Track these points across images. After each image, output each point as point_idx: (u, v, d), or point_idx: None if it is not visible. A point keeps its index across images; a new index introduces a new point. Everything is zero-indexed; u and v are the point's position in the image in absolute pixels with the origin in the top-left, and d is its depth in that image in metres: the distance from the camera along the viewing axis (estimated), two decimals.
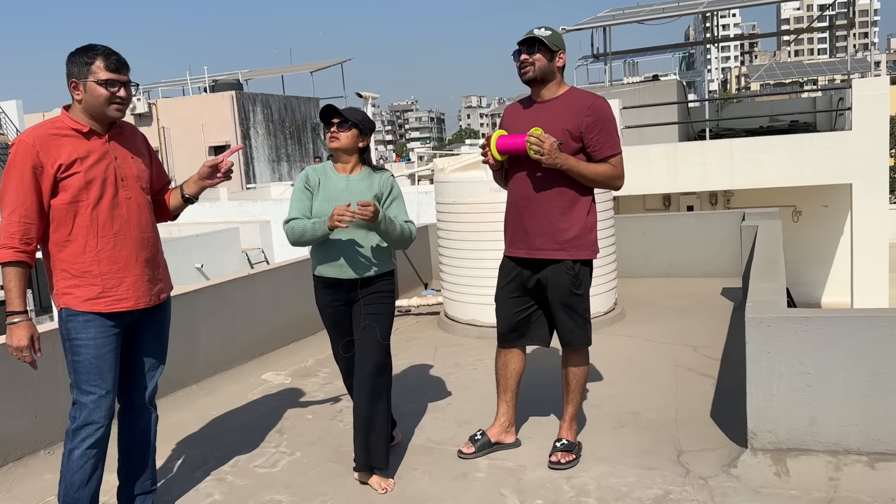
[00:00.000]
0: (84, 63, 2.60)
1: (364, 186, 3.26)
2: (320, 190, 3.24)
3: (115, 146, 2.73)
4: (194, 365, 4.74)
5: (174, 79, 36.91)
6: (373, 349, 3.19)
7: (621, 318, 5.96)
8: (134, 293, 2.74)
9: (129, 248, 2.72)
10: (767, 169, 10.88)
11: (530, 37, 3.20)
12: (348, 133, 3.22)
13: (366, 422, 3.15)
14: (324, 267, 3.26)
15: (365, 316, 3.21)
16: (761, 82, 48.77)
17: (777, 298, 3.38)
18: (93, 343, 2.66)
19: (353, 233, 3.19)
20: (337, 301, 3.29)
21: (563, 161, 3.11)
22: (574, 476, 3.21)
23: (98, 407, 2.68)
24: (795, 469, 3.03)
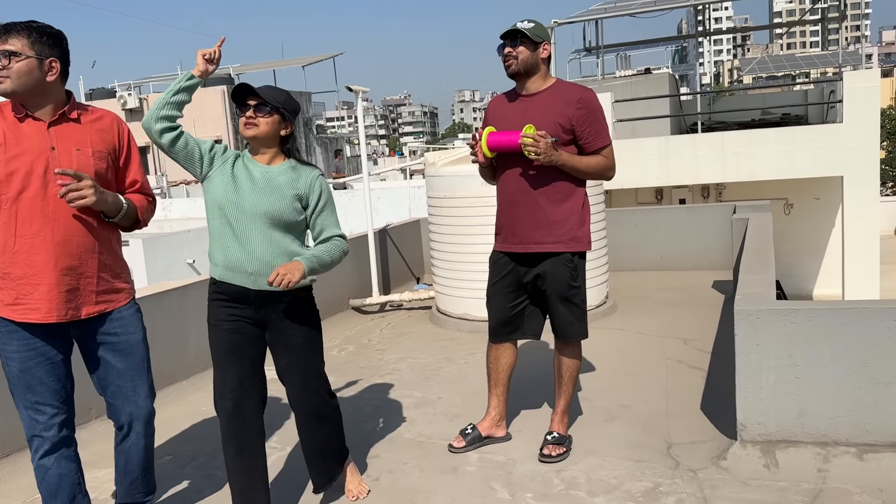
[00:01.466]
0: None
1: (285, 181, 2.67)
2: (227, 173, 2.65)
3: (58, 135, 2.42)
4: (184, 360, 4.72)
5: (165, 73, 36.70)
6: (312, 387, 2.79)
7: (613, 311, 5.97)
8: (46, 304, 2.40)
9: (47, 252, 2.39)
10: (759, 162, 10.91)
11: (512, 30, 3.18)
12: (268, 119, 2.62)
13: (320, 450, 2.89)
14: (228, 272, 2.62)
15: (294, 349, 2.73)
16: (753, 75, 48.88)
17: (766, 291, 3.38)
18: (16, 356, 2.43)
19: (265, 233, 2.61)
20: (241, 317, 2.65)
21: (557, 158, 3.10)
22: (564, 469, 3.21)
23: (34, 422, 2.48)
24: (784, 461, 3.04)
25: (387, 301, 6.67)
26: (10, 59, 2.32)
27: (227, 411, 2.67)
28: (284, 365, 2.77)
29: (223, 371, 2.68)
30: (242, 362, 2.67)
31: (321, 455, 2.92)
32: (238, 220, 2.62)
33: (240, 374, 2.67)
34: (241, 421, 2.68)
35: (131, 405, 2.64)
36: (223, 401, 2.68)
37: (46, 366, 2.46)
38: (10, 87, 2.34)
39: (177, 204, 18.48)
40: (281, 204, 2.64)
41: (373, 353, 5.31)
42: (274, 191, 2.65)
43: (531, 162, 3.14)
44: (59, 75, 2.42)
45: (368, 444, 3.60)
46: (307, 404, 2.83)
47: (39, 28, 2.38)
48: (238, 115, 2.67)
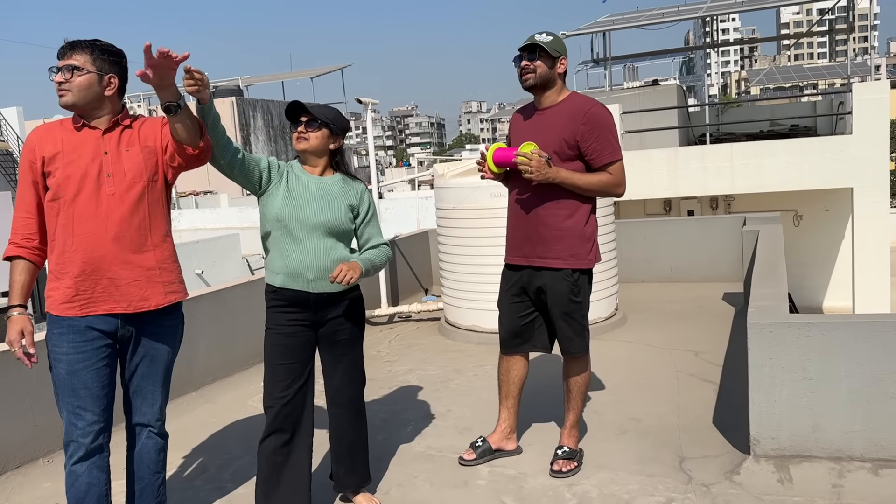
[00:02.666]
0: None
1: (338, 191, 2.87)
2: (285, 186, 2.81)
3: (111, 139, 2.57)
4: (194, 372, 4.73)
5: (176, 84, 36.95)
6: (352, 378, 2.98)
7: (622, 323, 5.94)
8: (110, 296, 2.54)
9: (106, 248, 2.53)
10: (768, 173, 10.88)
11: (531, 43, 3.18)
12: (318, 133, 2.83)
13: (350, 447, 3.02)
14: (289, 279, 2.79)
15: (341, 343, 2.92)
16: (761, 86, 48.87)
17: (779, 304, 3.36)
18: (65, 358, 2.52)
19: (321, 241, 2.80)
20: (300, 321, 2.82)
21: (553, 175, 3.10)
22: (576, 483, 3.19)
23: (73, 426, 2.53)
24: (798, 476, 3.01)
25: (395, 312, 6.67)
26: (73, 73, 2.49)
27: (274, 409, 2.78)
28: (329, 358, 2.94)
29: (274, 372, 2.81)
30: (294, 365, 2.81)
31: (351, 453, 3.01)
32: (298, 231, 2.78)
33: (291, 377, 2.80)
34: (286, 416, 2.79)
35: (148, 406, 2.72)
36: (272, 399, 2.79)
37: (92, 370, 2.53)
38: (71, 99, 2.51)
39: (186, 215, 18.56)
40: (337, 214, 2.84)
41: (381, 364, 5.29)
42: (330, 201, 2.83)
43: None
44: (117, 90, 2.59)
45: (378, 456, 3.58)
46: (347, 397, 2.97)
47: (102, 46, 2.56)
48: (291, 132, 2.88)
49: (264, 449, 2.80)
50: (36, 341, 2.57)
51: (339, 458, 3.03)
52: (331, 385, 2.97)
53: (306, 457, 2.85)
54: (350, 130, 3.06)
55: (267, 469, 2.79)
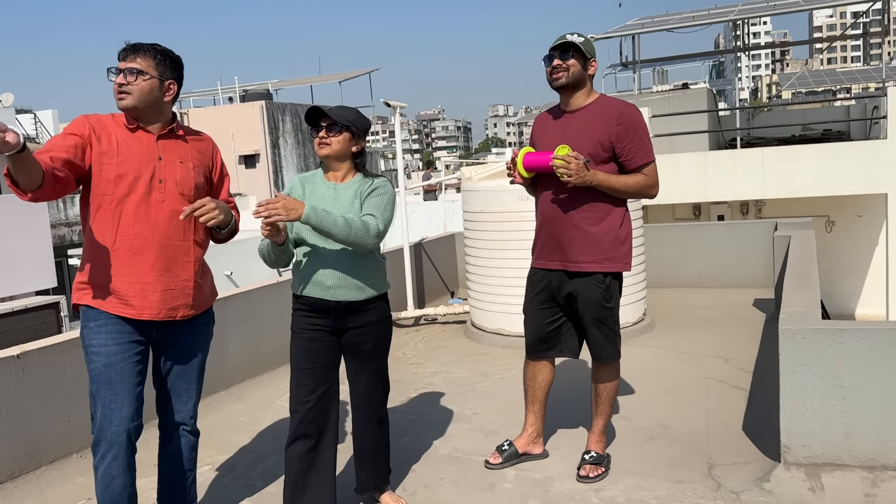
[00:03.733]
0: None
1: (351, 193, 2.82)
2: (304, 200, 2.81)
3: (166, 147, 2.60)
4: (224, 371, 4.78)
5: (205, 88, 37.46)
6: (375, 387, 2.97)
7: (651, 328, 5.89)
8: (140, 301, 2.53)
9: (147, 254, 2.53)
10: (800, 178, 10.72)
11: (565, 41, 3.16)
12: (339, 137, 2.79)
13: (373, 450, 3.03)
14: (309, 287, 2.79)
15: (364, 353, 2.90)
16: (793, 90, 48.22)
17: (811, 310, 3.31)
18: (103, 350, 2.50)
19: (338, 248, 2.77)
20: (322, 326, 2.82)
21: (591, 178, 3.07)
22: (603, 488, 3.17)
23: (107, 421, 2.49)
24: (830, 484, 2.97)
25: (421, 315, 6.69)
26: (137, 76, 2.51)
27: (300, 413, 2.79)
28: (353, 367, 2.94)
29: (299, 377, 2.82)
30: (318, 369, 2.82)
31: (373, 456, 3.02)
32: (314, 240, 2.78)
33: (315, 381, 2.81)
34: (311, 422, 2.80)
35: (183, 404, 2.74)
36: (297, 403, 2.81)
37: (129, 363, 2.53)
38: (132, 102, 2.53)
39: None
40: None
41: (408, 366, 5.31)
42: (342, 208, 2.79)
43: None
44: (174, 97, 2.62)
45: (404, 457, 3.60)
46: (369, 404, 2.98)
47: (164, 51, 2.59)
48: (312, 137, 2.86)
49: (290, 454, 2.81)
50: (70, 338, 2.62)
51: (362, 462, 3.05)
52: (354, 392, 2.98)
53: (331, 461, 2.86)
54: (370, 128, 2.97)
55: (293, 474, 2.80)
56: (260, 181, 29.69)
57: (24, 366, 3.57)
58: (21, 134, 2.47)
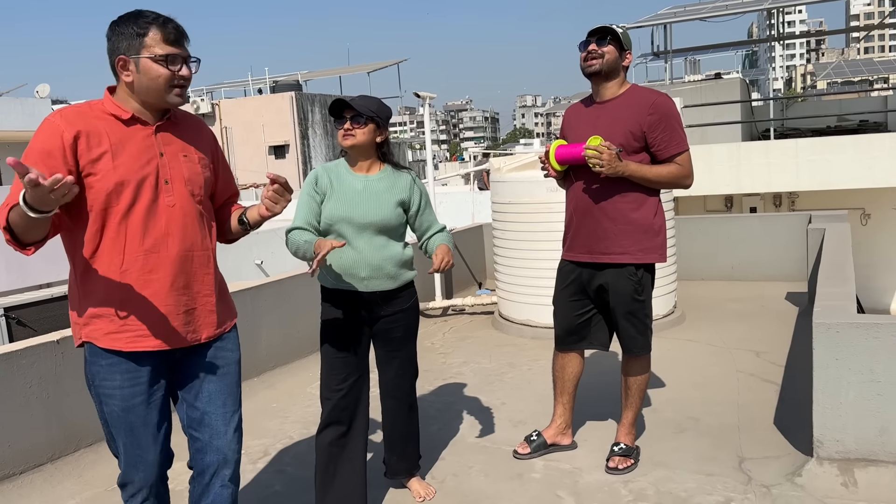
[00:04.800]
0: (135, 34, 2.05)
1: (384, 187, 2.84)
2: (334, 192, 2.80)
3: (165, 140, 2.15)
4: (256, 358, 4.86)
5: (236, 80, 37.80)
6: (406, 373, 3.02)
7: (681, 321, 5.85)
8: (163, 329, 2.13)
9: (164, 270, 2.12)
10: (835, 170, 10.52)
11: (604, 27, 3.12)
12: (364, 129, 2.78)
13: (403, 436, 3.08)
14: (342, 280, 2.80)
15: (395, 339, 2.93)
16: (828, 80, 47.24)
17: (846, 304, 3.27)
18: (118, 393, 2.12)
19: (372, 240, 2.79)
20: (353, 317, 2.84)
21: (624, 169, 3.04)
22: (632, 480, 3.17)
23: (134, 468, 2.18)
24: (864, 480, 2.93)
25: (449, 305, 6.71)
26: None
27: (331, 401, 2.82)
28: (383, 354, 2.97)
29: (331, 366, 2.84)
30: (349, 358, 2.84)
31: (404, 442, 3.08)
32: (348, 231, 2.79)
33: (347, 370, 2.83)
34: (343, 409, 2.82)
35: (220, 439, 2.25)
36: (329, 392, 2.83)
37: (150, 403, 2.16)
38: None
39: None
40: (386, 212, 2.82)
41: (436, 356, 5.34)
42: (378, 200, 2.81)
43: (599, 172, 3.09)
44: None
45: (433, 446, 3.63)
46: (400, 390, 3.02)
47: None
48: (336, 128, 2.82)
49: (322, 440, 2.85)
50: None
51: (392, 447, 3.10)
52: (385, 378, 3.02)
53: (362, 448, 2.89)
54: (391, 116, 2.92)
55: (324, 460, 2.84)
56: (290, 172, 29.93)
57: (63, 351, 3.66)
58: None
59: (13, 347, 3.50)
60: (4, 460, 3.40)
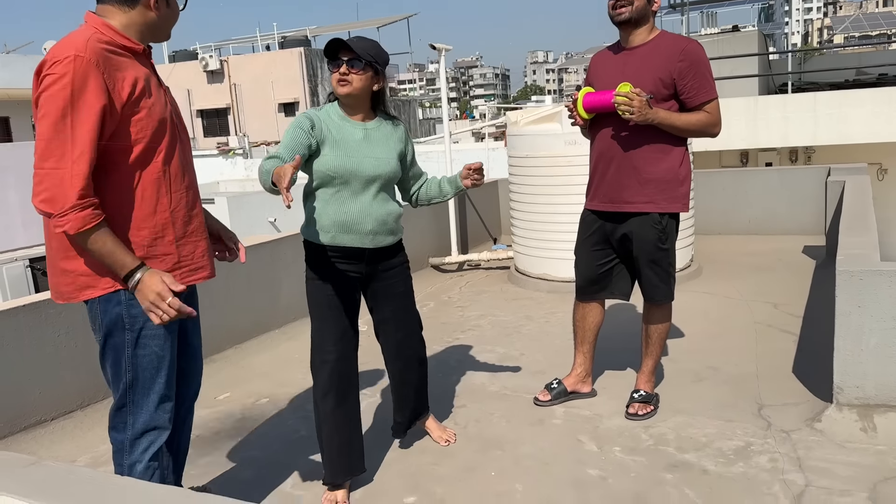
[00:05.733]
0: None
1: (383, 136, 2.70)
2: (335, 142, 2.60)
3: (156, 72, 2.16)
4: (277, 310, 4.92)
5: (244, 36, 37.39)
6: (413, 330, 2.97)
7: (698, 274, 5.86)
8: (208, 260, 2.24)
9: (199, 205, 2.22)
10: (853, 124, 10.38)
11: None
12: (362, 75, 2.57)
13: (417, 389, 3.05)
14: (343, 235, 2.64)
15: (398, 295, 2.87)
16: (846, 34, 46.22)
17: (869, 252, 3.26)
18: (161, 332, 2.11)
19: (377, 193, 2.68)
20: (350, 272, 2.70)
21: (653, 116, 3.00)
22: (652, 426, 3.22)
23: (161, 409, 2.17)
24: (883, 425, 2.97)
25: (465, 260, 6.74)
26: None
27: (328, 364, 2.68)
28: (390, 313, 2.87)
29: (324, 324, 2.70)
30: (342, 316, 2.71)
31: (417, 395, 3.07)
32: (354, 185, 2.63)
33: (342, 328, 2.71)
34: (342, 373, 2.71)
35: (200, 370, 2.43)
36: (324, 354, 2.69)
37: (174, 344, 2.18)
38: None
39: (258, 164, 18.95)
40: (392, 164, 2.71)
41: (453, 309, 5.39)
42: (381, 150, 2.68)
43: (627, 120, 3.06)
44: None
45: (454, 395, 3.68)
46: (411, 348, 2.98)
47: None
48: (330, 71, 2.61)
49: (324, 408, 2.70)
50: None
51: (405, 403, 3.03)
52: (392, 340, 2.91)
53: (357, 410, 2.80)
54: (388, 63, 2.68)
55: (330, 428, 2.72)
56: None
57: None
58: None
59: (41, 297, 3.56)
60: (36, 407, 3.49)
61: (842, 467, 2.75)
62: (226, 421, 3.58)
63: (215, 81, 30.99)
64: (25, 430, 3.44)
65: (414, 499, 2.74)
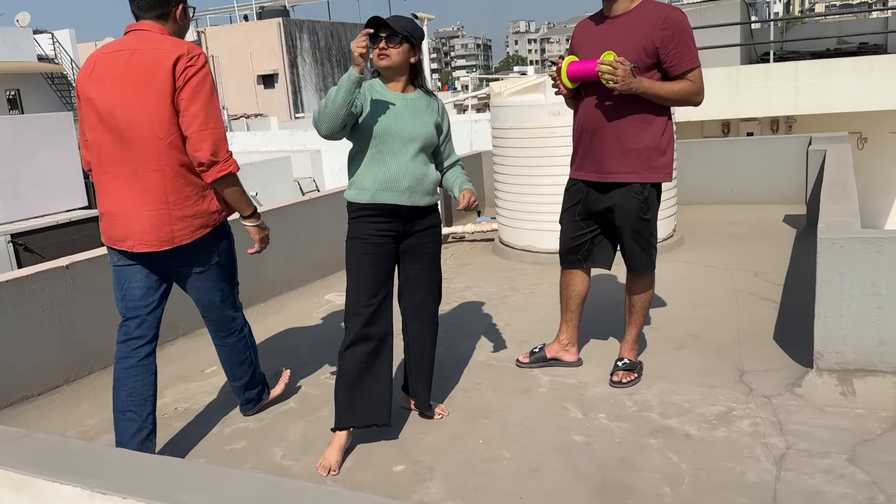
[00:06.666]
0: None
1: (422, 106, 2.89)
2: (374, 105, 2.81)
3: None
4: (262, 284, 4.91)
5: (220, 7, 36.70)
6: (434, 293, 3.04)
7: (680, 244, 5.91)
8: None
9: None
10: (835, 93, 10.43)
11: None
12: (399, 49, 2.80)
13: (430, 363, 3.09)
14: (382, 193, 2.81)
15: (426, 256, 2.98)
16: (827, 3, 46.23)
17: (850, 220, 3.31)
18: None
19: (416, 155, 2.84)
20: (388, 231, 2.86)
21: (637, 85, 3.01)
22: (636, 392, 3.27)
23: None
24: (862, 389, 3.04)
25: (450, 233, 6.74)
26: None
27: (361, 317, 2.81)
28: (414, 272, 2.98)
29: (360, 280, 2.84)
30: (379, 273, 2.85)
31: (430, 368, 3.10)
32: (394, 145, 2.82)
33: (377, 285, 2.84)
34: (373, 325, 2.83)
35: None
36: (359, 307, 2.83)
37: None
38: None
39: (238, 137, 18.76)
40: (429, 129, 2.89)
41: None
42: (420, 116, 2.87)
43: (611, 89, 3.07)
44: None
45: (441, 365, 3.69)
46: (429, 310, 3.05)
47: None
48: (372, 48, 2.80)
49: (350, 356, 2.82)
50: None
51: (420, 375, 3.08)
52: (413, 301, 3.00)
53: (389, 365, 2.90)
54: (423, 38, 2.96)
55: (351, 376, 2.82)
56: (279, 101, 29.45)
57: (73, 276, 3.69)
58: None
59: (24, 273, 3.53)
60: (23, 382, 3.48)
61: (822, 430, 2.81)
62: (213, 393, 3.59)
63: None
64: (12, 405, 3.43)
65: (403, 467, 2.78)
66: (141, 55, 2.60)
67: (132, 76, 2.59)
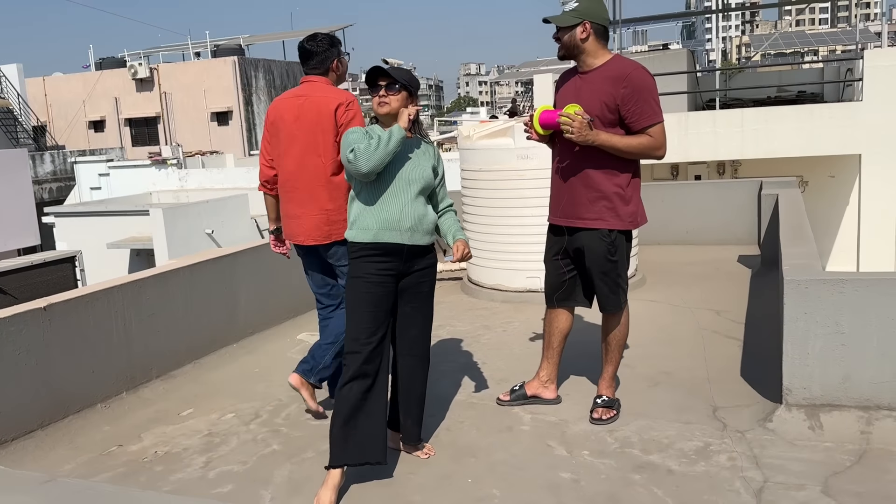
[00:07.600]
0: (338, 44, 3.59)
1: (420, 151, 3.05)
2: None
3: None
4: (235, 324, 4.88)
5: (174, 43, 36.52)
6: (426, 331, 3.13)
7: (642, 283, 6.10)
8: None
9: None
10: (778, 139, 10.96)
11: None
12: (398, 96, 2.98)
13: (419, 398, 3.15)
14: (385, 232, 2.93)
15: (422, 294, 3.08)
16: (763, 52, 48.60)
17: (812, 262, 3.51)
18: None
19: (416, 197, 2.98)
20: (389, 271, 2.95)
21: (594, 138, 3.19)
22: (616, 429, 3.37)
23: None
24: (829, 423, 3.20)
25: None
26: None
27: (361, 354, 2.88)
28: (410, 310, 3.07)
29: (360, 318, 2.92)
30: (379, 312, 2.94)
31: (419, 404, 3.16)
32: (396, 187, 2.98)
33: (377, 323, 2.93)
34: (371, 363, 2.90)
35: None
36: (358, 344, 2.90)
37: None
38: None
39: (193, 175, 18.55)
40: (427, 171, 3.06)
41: None
42: (420, 160, 3.04)
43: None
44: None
45: None
46: (420, 347, 3.12)
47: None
48: (372, 96, 3.00)
49: (346, 393, 2.88)
50: (93, 291, 3.00)
51: (409, 410, 3.14)
52: (406, 337, 3.09)
53: (383, 403, 2.97)
54: (420, 88, 3.13)
55: (347, 413, 2.86)
56: (234, 139, 29.28)
57: (50, 318, 3.63)
58: None
59: (1, 314, 3.45)
60: None
61: (795, 463, 2.95)
62: (192, 436, 3.55)
63: (144, 90, 30.18)
64: None
65: None
66: (311, 100, 3.43)
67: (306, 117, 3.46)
